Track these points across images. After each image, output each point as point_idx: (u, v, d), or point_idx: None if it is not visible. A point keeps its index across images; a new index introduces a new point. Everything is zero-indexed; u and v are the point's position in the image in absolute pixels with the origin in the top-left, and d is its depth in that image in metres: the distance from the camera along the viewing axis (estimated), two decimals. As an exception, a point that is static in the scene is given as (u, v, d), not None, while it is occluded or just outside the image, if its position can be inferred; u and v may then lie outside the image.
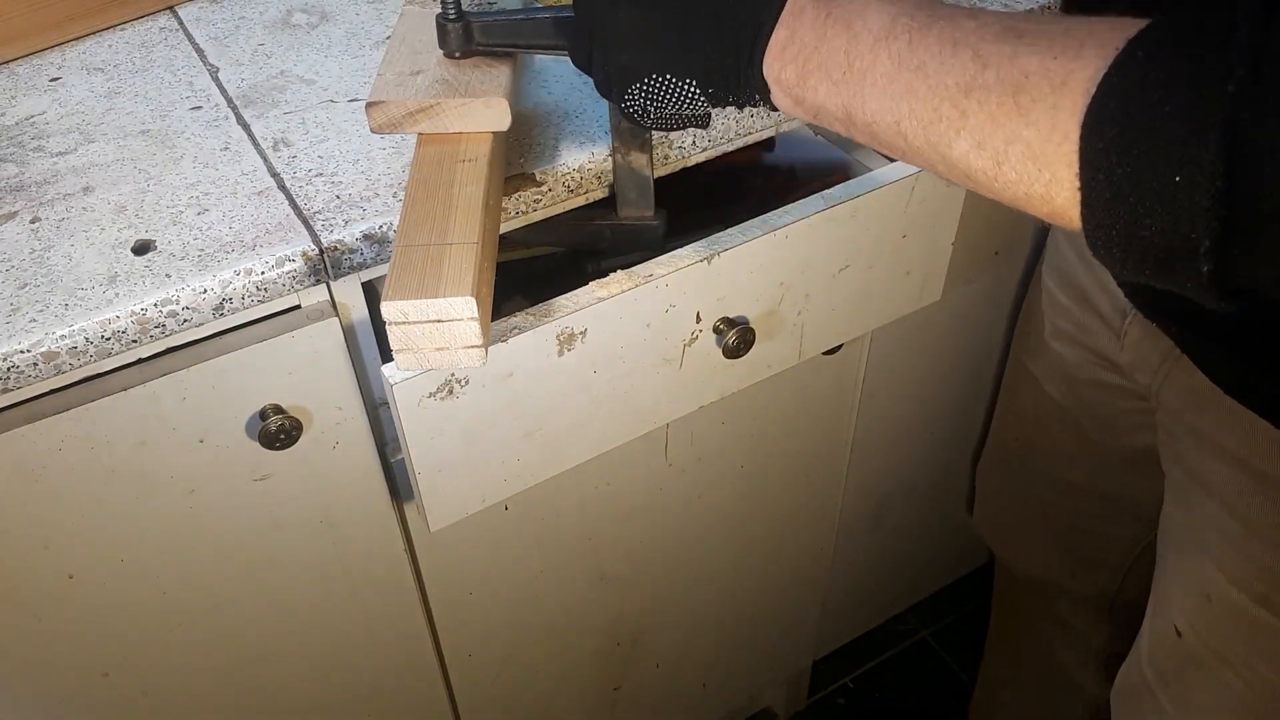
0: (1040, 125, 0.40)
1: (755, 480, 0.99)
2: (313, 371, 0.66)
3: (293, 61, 0.78)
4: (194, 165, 0.69)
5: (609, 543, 0.93)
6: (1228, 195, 0.34)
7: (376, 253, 0.63)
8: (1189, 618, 0.73)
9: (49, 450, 0.60)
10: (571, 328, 0.64)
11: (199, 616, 0.73)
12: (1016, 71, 0.40)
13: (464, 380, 0.62)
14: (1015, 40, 0.41)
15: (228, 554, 0.71)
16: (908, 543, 1.29)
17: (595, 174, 0.69)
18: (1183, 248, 0.36)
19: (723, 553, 1.04)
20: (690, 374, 0.72)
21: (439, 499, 0.67)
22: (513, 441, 0.67)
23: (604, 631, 1.02)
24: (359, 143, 0.70)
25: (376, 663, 0.86)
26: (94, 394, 0.60)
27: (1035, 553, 1.04)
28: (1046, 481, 0.97)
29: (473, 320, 0.52)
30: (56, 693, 0.71)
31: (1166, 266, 0.38)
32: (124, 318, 0.58)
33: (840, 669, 1.43)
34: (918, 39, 0.44)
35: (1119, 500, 0.91)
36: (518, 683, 0.99)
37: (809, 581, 1.19)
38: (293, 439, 0.66)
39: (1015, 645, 1.16)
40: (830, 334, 0.78)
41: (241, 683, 0.80)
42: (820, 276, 0.73)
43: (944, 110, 0.43)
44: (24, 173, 0.68)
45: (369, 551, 0.78)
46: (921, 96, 0.44)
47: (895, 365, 1.03)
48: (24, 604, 0.66)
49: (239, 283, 0.60)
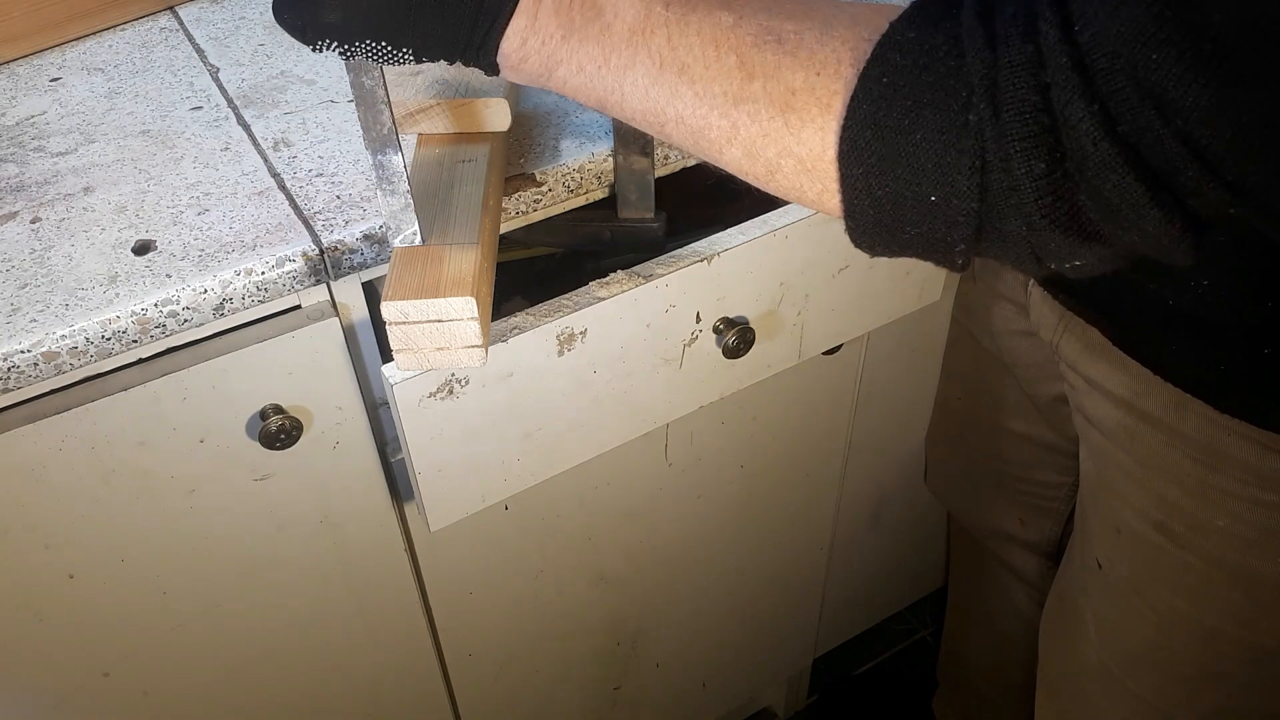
0: (811, 145, 0.41)
1: (755, 480, 0.99)
2: (313, 371, 0.66)
3: (293, 62, 0.78)
4: (194, 165, 0.69)
5: (609, 543, 0.93)
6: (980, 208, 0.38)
7: (376, 253, 0.63)
8: (1105, 550, 0.77)
9: (49, 450, 0.60)
10: (571, 328, 0.64)
11: (199, 616, 0.73)
12: (783, 88, 0.41)
13: (464, 380, 0.62)
14: (776, 46, 0.42)
15: (228, 554, 0.71)
16: (906, 542, 1.30)
17: (595, 174, 0.69)
18: (940, 244, 0.41)
19: (723, 552, 1.05)
20: (690, 374, 0.72)
21: (439, 499, 0.67)
22: (513, 441, 0.67)
23: (604, 631, 1.02)
24: (359, 143, 0.70)
25: (376, 662, 0.86)
26: (94, 394, 0.60)
27: (985, 505, 1.07)
28: (988, 433, 1.00)
29: (473, 320, 0.52)
30: (57, 692, 0.71)
31: (924, 255, 0.42)
32: (124, 318, 0.58)
33: (840, 668, 1.43)
34: (676, 34, 0.43)
35: (1055, 447, 0.94)
36: (518, 683, 0.99)
37: (808, 581, 1.19)
38: (293, 439, 0.66)
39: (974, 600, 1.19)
40: (830, 334, 0.78)
41: (242, 682, 0.80)
42: (820, 276, 0.73)
43: (714, 120, 0.43)
44: (24, 173, 0.68)
45: (369, 551, 0.78)
46: (688, 103, 0.44)
47: (893, 365, 1.03)
48: (24, 604, 0.66)
49: (239, 283, 0.60)
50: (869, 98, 0.39)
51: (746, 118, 0.42)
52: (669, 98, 0.44)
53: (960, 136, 0.37)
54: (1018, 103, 0.36)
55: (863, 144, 0.40)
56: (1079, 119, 0.35)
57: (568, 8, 0.44)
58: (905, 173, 0.39)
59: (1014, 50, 0.36)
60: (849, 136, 0.40)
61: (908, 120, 0.38)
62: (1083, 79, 0.35)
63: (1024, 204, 0.37)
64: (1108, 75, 0.35)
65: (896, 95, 0.39)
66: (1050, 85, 0.36)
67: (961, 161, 0.38)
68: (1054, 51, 0.35)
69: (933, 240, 0.41)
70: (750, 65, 0.42)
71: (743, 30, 0.42)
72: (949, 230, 0.40)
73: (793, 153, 0.42)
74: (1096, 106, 0.35)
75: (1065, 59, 0.35)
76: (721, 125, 0.43)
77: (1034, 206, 0.37)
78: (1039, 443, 0.95)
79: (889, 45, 0.39)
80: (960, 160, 0.38)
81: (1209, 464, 0.66)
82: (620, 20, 0.44)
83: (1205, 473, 0.66)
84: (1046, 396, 0.89)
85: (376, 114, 0.49)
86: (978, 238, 0.40)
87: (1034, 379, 0.89)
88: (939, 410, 1.11)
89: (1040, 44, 0.36)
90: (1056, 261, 0.40)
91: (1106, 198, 0.37)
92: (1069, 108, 0.35)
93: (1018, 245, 0.40)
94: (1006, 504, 1.03)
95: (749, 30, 0.42)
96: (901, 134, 0.39)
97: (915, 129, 0.38)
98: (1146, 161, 0.36)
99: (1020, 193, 0.37)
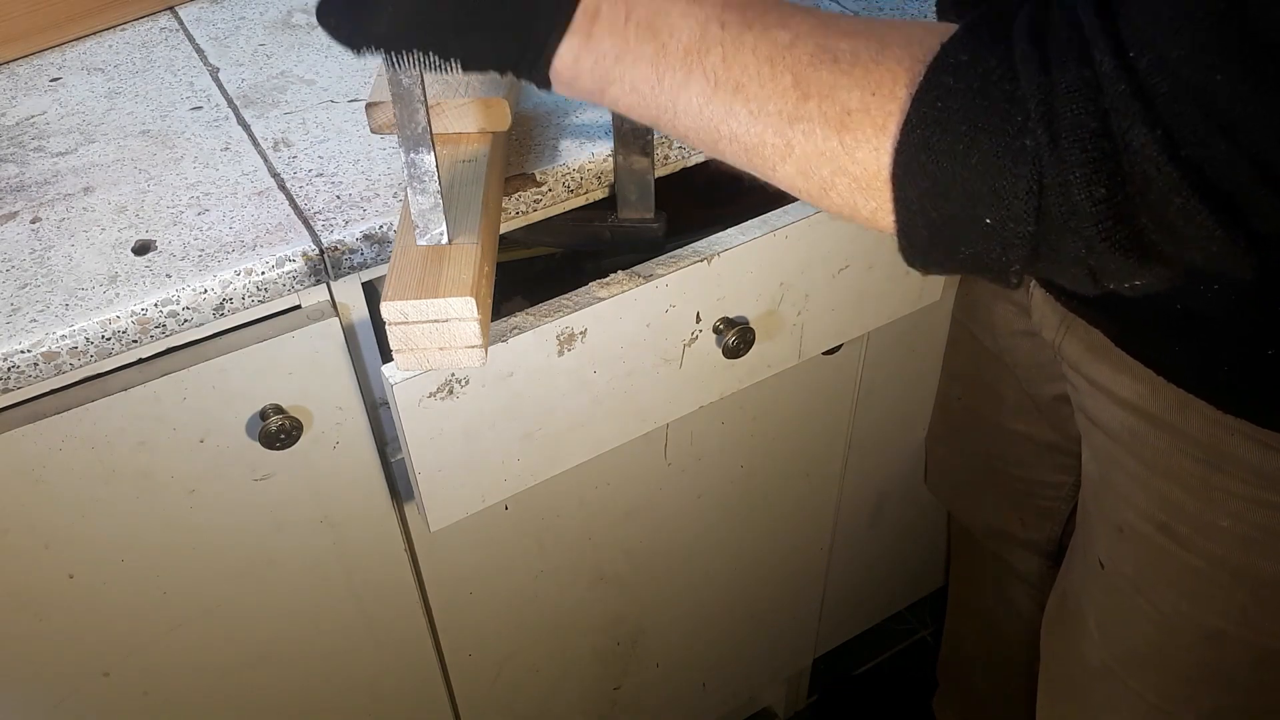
0: (865, 164, 0.41)
1: (755, 480, 0.99)
2: (313, 371, 0.66)
3: (293, 62, 0.78)
4: (194, 165, 0.69)
5: (609, 542, 0.93)
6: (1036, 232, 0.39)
7: (376, 253, 0.63)
8: (1108, 550, 0.77)
9: (49, 450, 0.60)
10: (571, 328, 0.64)
11: (199, 616, 0.73)
12: (839, 107, 0.41)
13: (464, 380, 0.62)
14: (832, 65, 0.42)
15: (228, 554, 0.71)
16: (906, 542, 1.30)
17: (595, 174, 0.69)
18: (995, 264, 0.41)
19: (722, 552, 1.05)
20: (690, 374, 0.72)
21: (439, 499, 0.67)
22: (513, 441, 0.67)
23: (604, 631, 1.02)
24: (359, 143, 0.70)
25: (376, 662, 0.86)
26: (94, 394, 0.60)
27: (985, 505, 1.07)
28: (989, 433, 1.00)
29: (473, 320, 0.52)
30: (56, 693, 0.71)
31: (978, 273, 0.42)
32: (124, 318, 0.58)
33: (840, 668, 1.43)
34: (732, 53, 0.43)
35: (1056, 447, 0.94)
36: (518, 683, 0.99)
37: (808, 580, 1.19)
38: (293, 439, 0.66)
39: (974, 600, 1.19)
40: (830, 334, 0.78)
41: (241, 682, 0.80)
42: (820, 276, 0.73)
43: (768, 138, 0.43)
44: (24, 173, 0.68)
45: (369, 551, 0.78)
46: (742, 121, 0.43)
47: (893, 365, 1.03)
48: (24, 604, 0.66)
49: (239, 283, 0.60)
50: (923, 121, 0.39)
51: (801, 136, 0.42)
52: (723, 116, 0.44)
53: (1016, 161, 0.38)
54: (1076, 128, 0.36)
55: (916, 167, 0.40)
56: (1141, 144, 0.35)
57: (622, 28, 0.44)
58: (960, 196, 0.39)
59: (1070, 75, 0.36)
60: (903, 160, 0.40)
61: (962, 145, 0.38)
62: (1144, 105, 0.35)
63: (1084, 228, 0.38)
64: (1170, 100, 0.35)
65: (950, 119, 0.39)
66: (1109, 111, 0.36)
67: (1018, 186, 0.38)
68: (1111, 78, 0.35)
69: (987, 260, 0.41)
70: (806, 84, 0.42)
71: (799, 49, 0.42)
72: (1004, 251, 0.40)
73: (847, 171, 0.42)
74: (1159, 132, 0.35)
75: (1124, 85, 0.35)
76: (776, 143, 0.43)
77: (1094, 230, 0.37)
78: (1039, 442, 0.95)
79: (942, 68, 0.39)
80: (1017, 184, 0.38)
81: (1212, 464, 0.66)
82: (675, 40, 0.43)
83: (1208, 473, 0.66)
84: (1047, 396, 0.89)
85: (412, 112, 0.49)
86: (1033, 259, 0.40)
87: (1035, 379, 0.89)
88: (939, 410, 1.11)
89: (1096, 70, 0.36)
90: (1115, 282, 0.40)
91: (1170, 221, 0.37)
92: (1130, 133, 0.35)
93: (1075, 266, 0.40)
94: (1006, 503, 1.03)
95: (805, 49, 0.42)
96: (956, 158, 0.39)
97: (970, 153, 0.38)
98: (1211, 183, 0.36)
99: (1080, 217, 0.37)
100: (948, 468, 1.12)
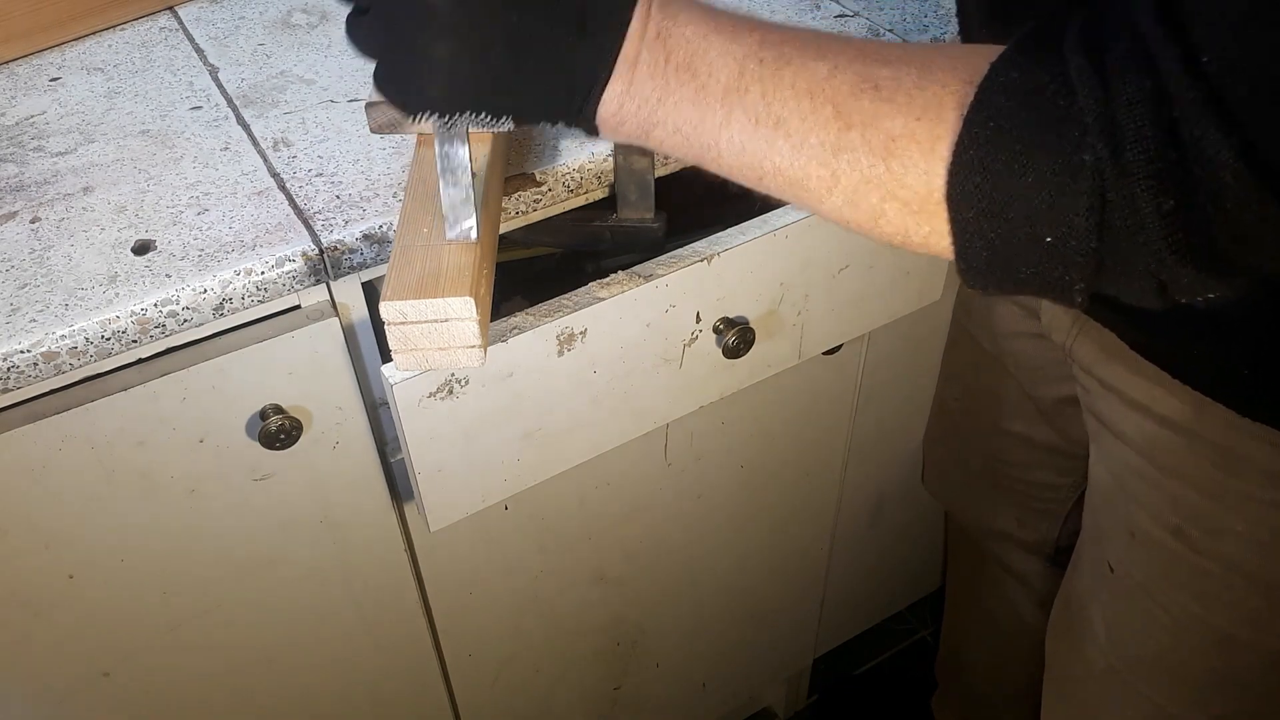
0: (916, 189, 0.41)
1: (755, 480, 0.99)
2: (313, 371, 0.66)
3: (293, 61, 0.78)
4: (194, 165, 0.69)
5: (609, 543, 0.93)
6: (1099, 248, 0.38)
7: (376, 253, 0.63)
8: (1118, 554, 0.76)
9: (49, 450, 0.60)
10: (571, 328, 0.64)
11: (199, 616, 0.73)
12: (882, 135, 0.41)
13: (464, 380, 0.62)
14: (874, 94, 0.41)
15: (228, 554, 0.71)
16: (906, 542, 1.30)
17: (595, 174, 0.69)
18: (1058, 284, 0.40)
19: (722, 552, 1.05)
20: (690, 374, 0.72)
21: (439, 499, 0.67)
22: (513, 441, 0.67)
23: (604, 631, 1.02)
24: (359, 143, 0.70)
25: (376, 663, 0.86)
26: (94, 394, 0.60)
27: (983, 505, 1.07)
28: (987, 433, 1.00)
29: (472, 320, 0.52)
30: (57, 693, 0.71)
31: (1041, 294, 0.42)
32: (124, 318, 0.58)
33: (840, 668, 1.43)
34: (771, 89, 0.43)
35: (1055, 448, 0.94)
36: (518, 683, 0.99)
37: (808, 581, 1.19)
38: (293, 439, 0.66)
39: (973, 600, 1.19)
40: (830, 334, 0.78)
41: (241, 682, 0.80)
42: (820, 276, 0.73)
43: (812, 170, 0.43)
44: (24, 173, 0.68)
45: (369, 552, 0.78)
46: (785, 155, 0.43)
47: (893, 365, 1.03)
48: (24, 604, 0.66)
49: (239, 283, 0.60)
50: (975, 142, 0.39)
51: (846, 166, 0.42)
52: (765, 151, 0.44)
53: (1075, 177, 0.37)
54: (1141, 139, 0.36)
55: (971, 188, 0.39)
56: (1215, 151, 0.35)
57: (663, 70, 0.44)
58: (1018, 215, 0.39)
59: (1131, 86, 0.36)
60: (957, 182, 0.40)
61: (1018, 164, 0.38)
62: (1218, 110, 0.34)
63: (1152, 241, 0.37)
64: (1248, 104, 0.34)
65: (1004, 139, 0.38)
66: (1178, 120, 0.35)
67: (1079, 202, 0.37)
68: (1180, 85, 0.35)
69: (1049, 280, 0.40)
70: (848, 114, 0.42)
71: (839, 80, 0.42)
72: (1066, 270, 0.39)
73: (897, 196, 0.42)
74: (1235, 138, 0.34)
75: (1194, 92, 0.34)
76: (821, 175, 0.43)
77: (1164, 243, 0.37)
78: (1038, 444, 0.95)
79: (993, 88, 0.39)
80: (1077, 201, 0.37)
81: (1228, 468, 0.65)
82: (714, 80, 0.44)
83: (1224, 476, 0.65)
84: (1050, 398, 0.89)
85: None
86: (1097, 276, 0.39)
87: (1037, 381, 0.89)
88: (937, 411, 1.11)
89: (1162, 78, 0.35)
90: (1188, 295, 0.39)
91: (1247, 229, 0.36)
92: (1203, 141, 0.35)
93: (1143, 281, 0.39)
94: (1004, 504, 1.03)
95: (845, 79, 0.42)
96: (1012, 177, 0.38)
97: (1026, 172, 0.38)
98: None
99: (1147, 230, 0.37)
100: (945, 468, 1.12)
